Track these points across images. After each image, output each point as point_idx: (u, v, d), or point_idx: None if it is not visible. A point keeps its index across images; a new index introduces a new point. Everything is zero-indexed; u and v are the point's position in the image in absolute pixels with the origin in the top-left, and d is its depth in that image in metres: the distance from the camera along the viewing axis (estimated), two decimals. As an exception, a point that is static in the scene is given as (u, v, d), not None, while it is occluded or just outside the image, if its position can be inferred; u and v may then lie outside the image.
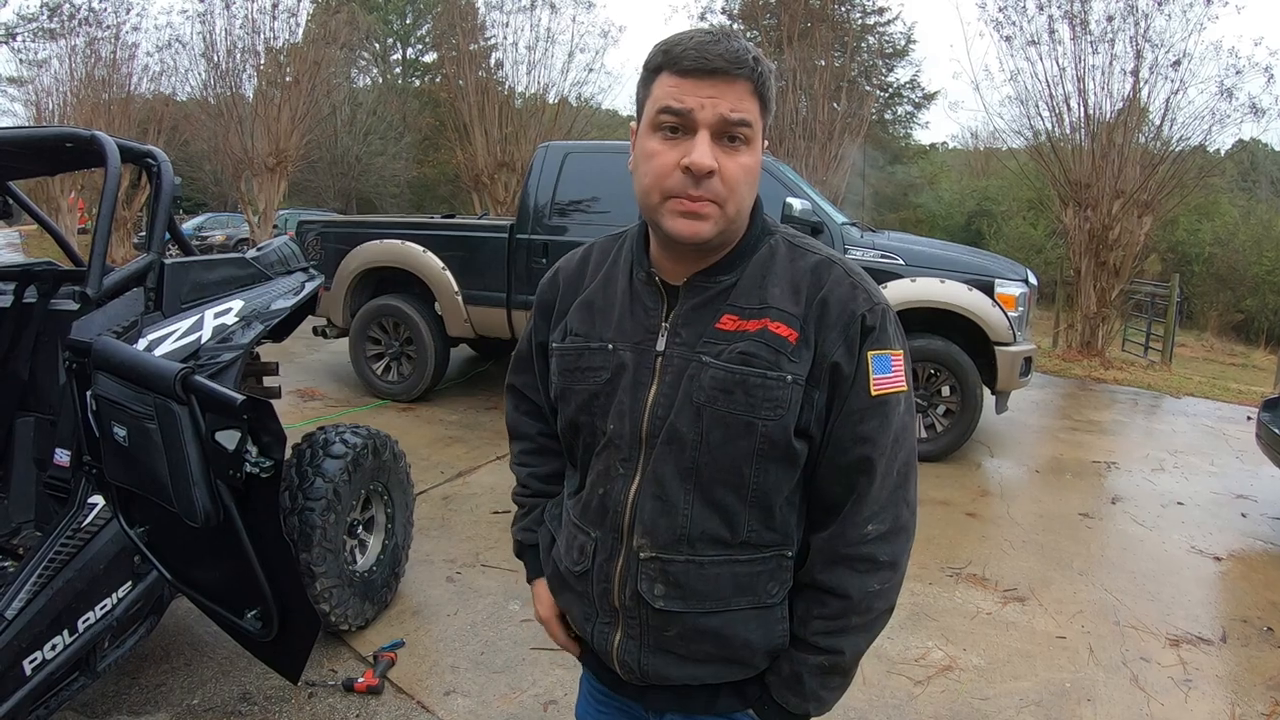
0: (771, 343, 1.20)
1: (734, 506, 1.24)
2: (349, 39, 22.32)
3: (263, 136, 18.87)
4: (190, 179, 31.58)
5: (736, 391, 1.19)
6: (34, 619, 2.30)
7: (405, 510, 3.91)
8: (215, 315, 3.06)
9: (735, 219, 1.20)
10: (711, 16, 21.94)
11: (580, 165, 7.12)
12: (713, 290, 1.25)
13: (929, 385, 6.30)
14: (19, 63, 25.20)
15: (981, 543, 4.82)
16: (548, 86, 18.99)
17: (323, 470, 3.35)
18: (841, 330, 1.20)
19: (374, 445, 3.59)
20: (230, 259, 3.34)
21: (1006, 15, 13.22)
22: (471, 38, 20.12)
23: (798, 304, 1.22)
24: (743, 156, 1.16)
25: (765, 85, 1.16)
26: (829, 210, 6.54)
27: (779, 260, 1.26)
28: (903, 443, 1.26)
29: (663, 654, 1.30)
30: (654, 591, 1.27)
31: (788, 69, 17.21)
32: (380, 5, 42.56)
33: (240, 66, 19.36)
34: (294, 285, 3.53)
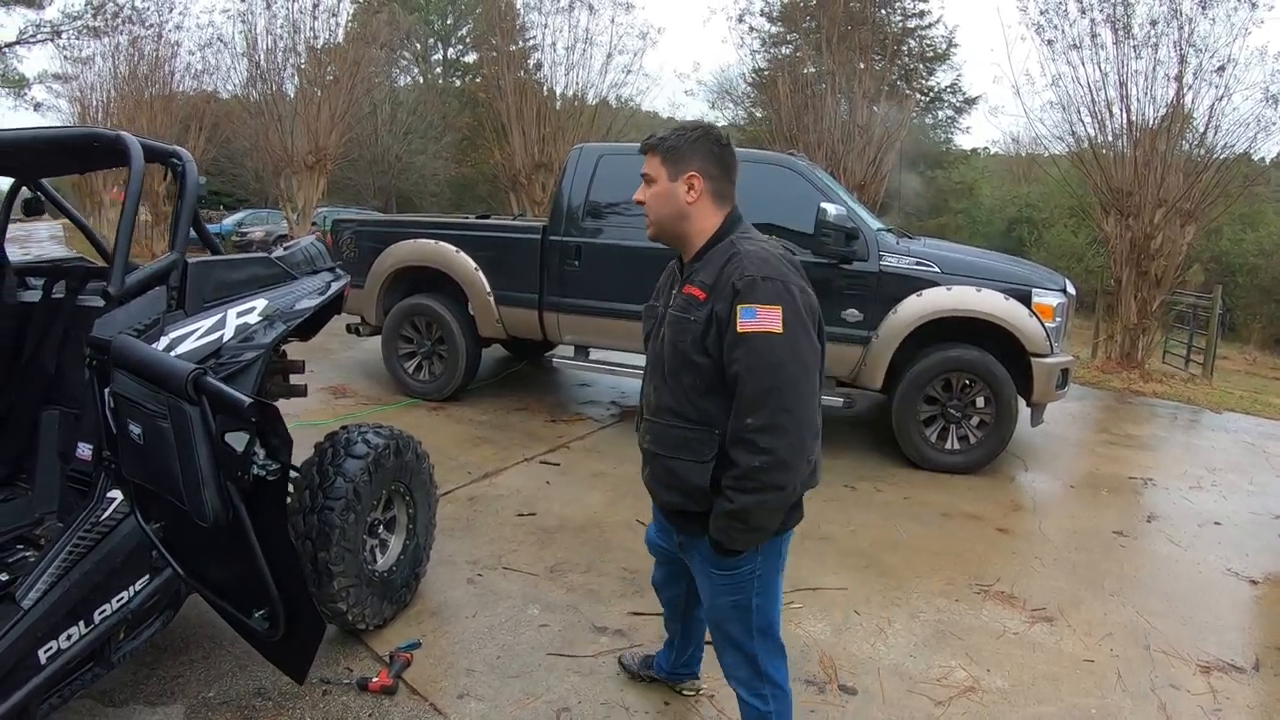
0: (691, 299, 2.15)
1: (678, 393, 2.17)
2: (389, 38, 22.44)
3: (302, 134, 18.98)
4: (232, 176, 32.06)
5: (675, 326, 2.18)
6: (50, 609, 2.33)
7: (427, 511, 3.90)
8: (238, 314, 3.05)
9: (661, 224, 2.29)
10: (750, 19, 21.87)
11: (615, 168, 7.08)
12: (690, 271, 2.23)
13: (963, 396, 6.21)
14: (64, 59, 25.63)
15: (1011, 559, 4.73)
16: (586, 87, 18.98)
17: (343, 470, 3.34)
18: (725, 293, 2.05)
19: (396, 445, 3.59)
20: (255, 258, 3.35)
21: (1048, 19, 13.00)
22: (511, 39, 20.18)
23: (712, 278, 2.11)
24: (652, 189, 2.26)
25: (661, 148, 2.25)
26: (864, 216, 6.47)
27: (717, 256, 2.16)
28: (772, 366, 1.99)
29: (655, 482, 2.33)
30: (645, 440, 2.32)
31: (826, 72, 17.07)
32: (422, 6, 42.84)
33: (281, 65, 19.51)
34: (319, 285, 3.53)
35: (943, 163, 35.90)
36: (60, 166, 3.70)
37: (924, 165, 32.34)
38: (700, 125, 2.30)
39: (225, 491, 2.00)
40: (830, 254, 6.11)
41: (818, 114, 16.71)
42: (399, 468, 3.64)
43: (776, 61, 20.66)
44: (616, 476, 5.74)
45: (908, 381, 6.19)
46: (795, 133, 16.50)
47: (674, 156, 2.23)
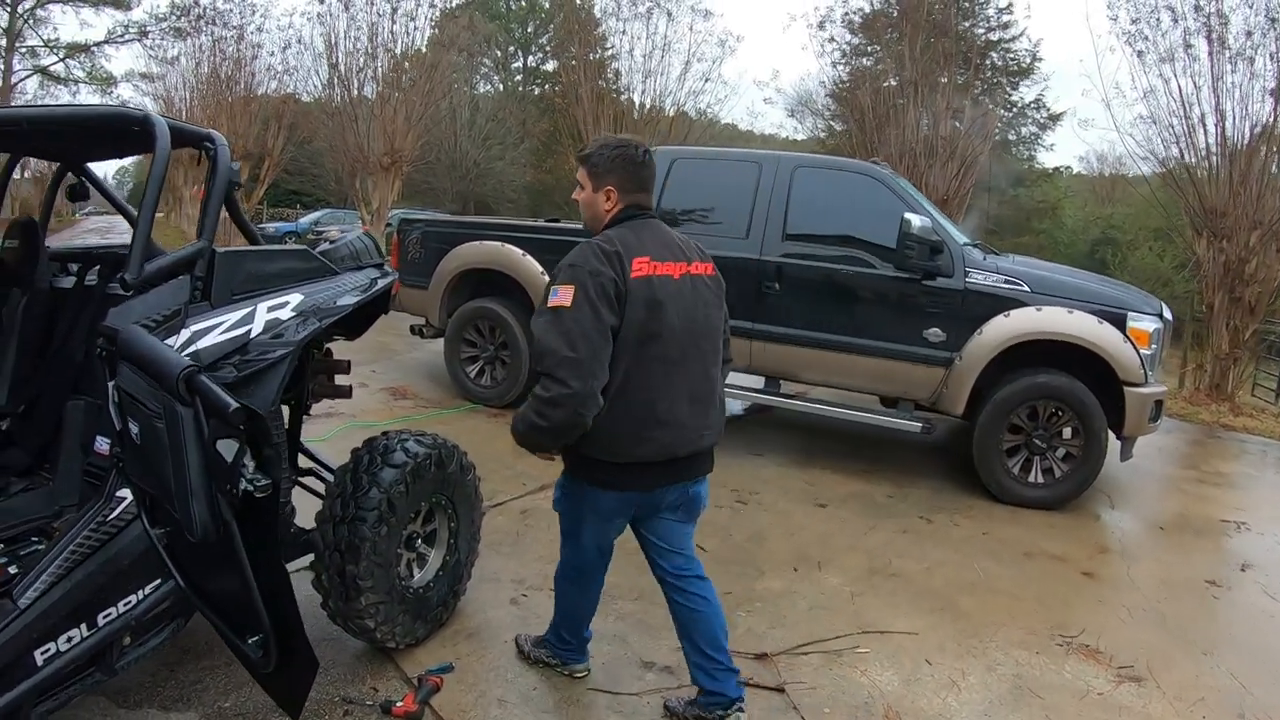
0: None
1: None
2: (467, 44, 22.58)
3: (378, 136, 19.15)
4: (312, 176, 32.63)
5: None
6: (49, 610, 2.23)
7: (470, 525, 3.70)
8: (269, 309, 2.87)
9: (586, 223, 2.76)
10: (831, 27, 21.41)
11: (687, 172, 6.82)
12: None
13: (1050, 426, 5.79)
14: (150, 59, 26.38)
15: (1097, 608, 4.34)
16: (664, 96, 18.80)
17: (379, 479, 3.15)
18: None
19: (439, 455, 3.38)
20: (293, 250, 3.17)
21: (1139, 29, 12.35)
22: (590, 47, 20.10)
23: None
24: (580, 195, 2.73)
25: (585, 159, 2.70)
26: (950, 229, 6.11)
27: None
28: (544, 327, 2.45)
29: None
30: None
31: (909, 82, 16.61)
32: (502, 14, 43.23)
33: (358, 68, 19.71)
34: (362, 282, 3.33)
35: (1025, 180, 34.91)
36: (96, 150, 3.57)
37: (1006, 183, 31.44)
38: (622, 143, 2.71)
39: (215, 505, 1.77)
40: (913, 268, 5.79)
41: (900, 126, 16.26)
42: (441, 479, 3.44)
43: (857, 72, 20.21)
44: (679, 495, 5.46)
45: (992, 408, 5.79)
46: (876, 145, 16.06)
47: (595, 172, 2.67)
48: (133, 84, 31.43)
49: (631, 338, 2.53)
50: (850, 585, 4.32)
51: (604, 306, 2.48)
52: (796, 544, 4.82)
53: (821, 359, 6.17)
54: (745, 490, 5.62)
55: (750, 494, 5.55)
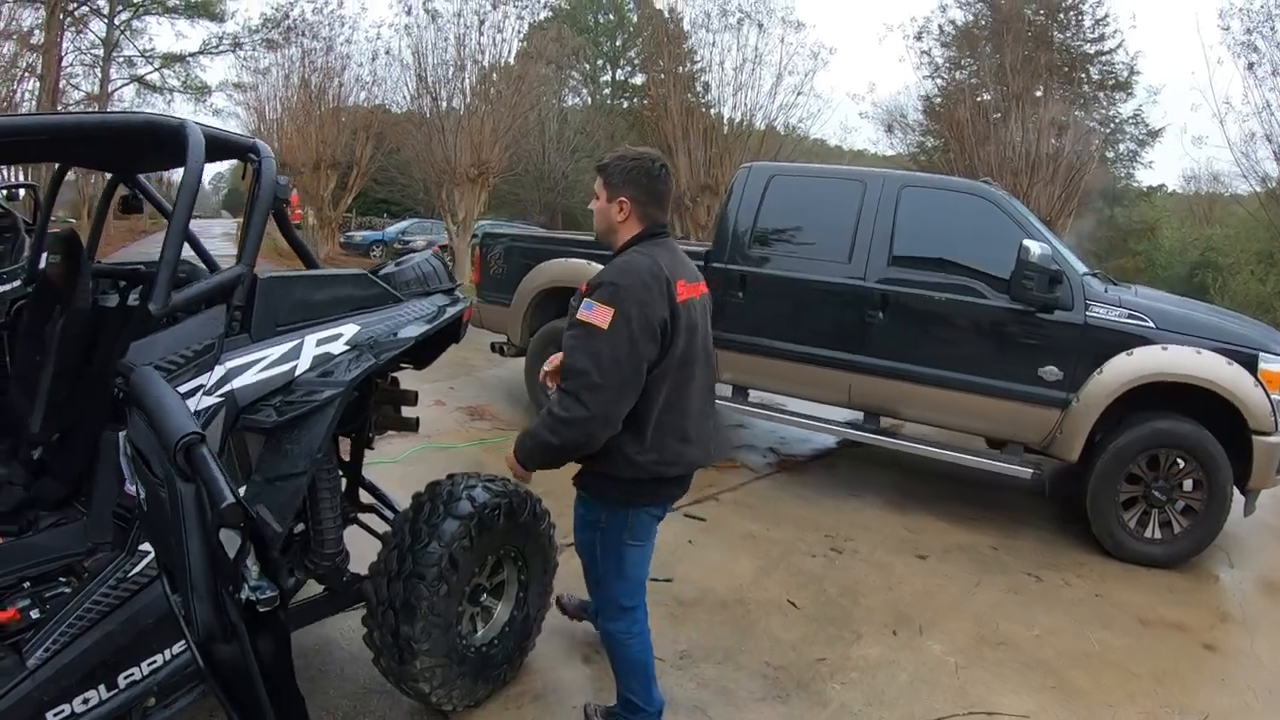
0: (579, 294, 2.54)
1: None
2: (555, 55, 22.52)
3: (465, 147, 19.13)
4: (401, 186, 32.98)
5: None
6: (64, 669, 2.07)
7: (542, 578, 3.38)
8: (319, 342, 2.59)
9: (599, 232, 2.77)
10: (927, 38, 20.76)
11: (786, 190, 6.40)
12: None
13: (1171, 477, 5.22)
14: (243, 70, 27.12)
15: (1220, 688, 3.84)
16: (754, 109, 18.34)
17: (440, 532, 2.85)
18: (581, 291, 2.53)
19: (510, 504, 3.07)
20: (349, 275, 2.86)
21: (1250, 41, 11.43)
22: (679, 61, 19.78)
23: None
24: (595, 204, 2.72)
25: (604, 171, 2.69)
26: (1069, 258, 5.55)
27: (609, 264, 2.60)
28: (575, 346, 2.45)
29: None
30: None
31: (1014, 95, 15.89)
32: (591, 27, 43.31)
33: (445, 79, 19.76)
34: (428, 310, 3.02)
35: (1122, 200, 33.39)
36: (142, 160, 3.32)
37: (1102, 202, 30.06)
38: (639, 155, 2.69)
39: (222, 604, 1.44)
40: (1030, 300, 5.26)
41: (999, 142, 15.55)
42: (511, 530, 3.12)
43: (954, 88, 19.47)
44: (769, 541, 5.04)
45: (1110, 456, 5.24)
46: (976, 162, 15.38)
47: (610, 183, 2.65)
48: (226, 93, 32.15)
49: (674, 363, 2.57)
50: (954, 654, 3.88)
51: (645, 339, 2.47)
52: (895, 601, 4.37)
53: (927, 395, 5.66)
54: (840, 536, 5.17)
55: (845, 541, 5.11)
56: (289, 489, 2.50)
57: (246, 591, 1.37)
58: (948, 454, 5.66)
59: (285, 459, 2.49)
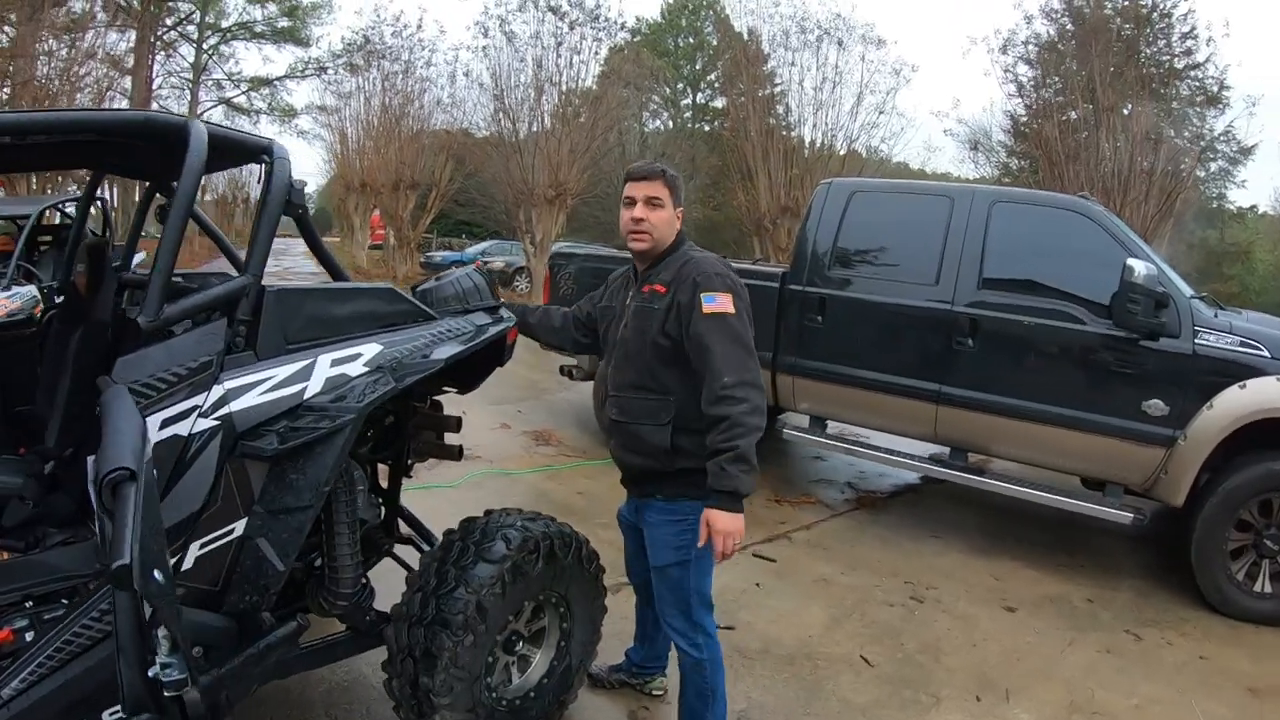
0: (655, 293, 2.68)
1: (640, 369, 2.69)
2: (633, 77, 22.41)
3: (542, 168, 19.09)
4: (483, 208, 33.27)
5: (640, 315, 2.70)
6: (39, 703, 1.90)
7: (588, 626, 3.07)
8: (333, 362, 2.34)
9: (658, 240, 2.71)
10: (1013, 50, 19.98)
11: (868, 207, 5.98)
12: (647, 276, 2.76)
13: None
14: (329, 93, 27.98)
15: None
16: (835, 129, 17.89)
17: (469, 577, 2.57)
18: (685, 285, 2.59)
19: (551, 546, 2.77)
20: (374, 289, 2.61)
21: None
22: (759, 84, 19.46)
23: (671, 277, 2.66)
24: (659, 212, 2.70)
25: (671, 180, 2.73)
26: (1176, 280, 5.04)
27: (674, 262, 2.70)
28: (732, 336, 2.52)
29: (622, 448, 2.79)
30: (614, 413, 2.79)
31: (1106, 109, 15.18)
32: (671, 50, 43.30)
33: (520, 100, 19.81)
34: (464, 329, 2.74)
35: (1214, 221, 31.80)
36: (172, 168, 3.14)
37: (1193, 223, 28.64)
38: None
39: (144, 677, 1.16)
40: (1134, 326, 4.75)
41: (1089, 160, 14.86)
42: (552, 574, 2.83)
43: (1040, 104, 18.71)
44: (844, 586, 4.64)
45: (1218, 500, 4.71)
46: (1064, 181, 14.71)
47: (677, 191, 2.76)
48: (311, 116, 33.06)
49: None
50: (1046, 726, 3.44)
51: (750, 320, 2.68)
52: (980, 661, 3.93)
53: (1019, 430, 5.17)
54: (921, 584, 4.74)
55: (927, 589, 4.67)
56: (292, 524, 2.29)
57: (154, 668, 1.09)
58: (1041, 495, 5.14)
59: (289, 491, 2.27)
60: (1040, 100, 18.48)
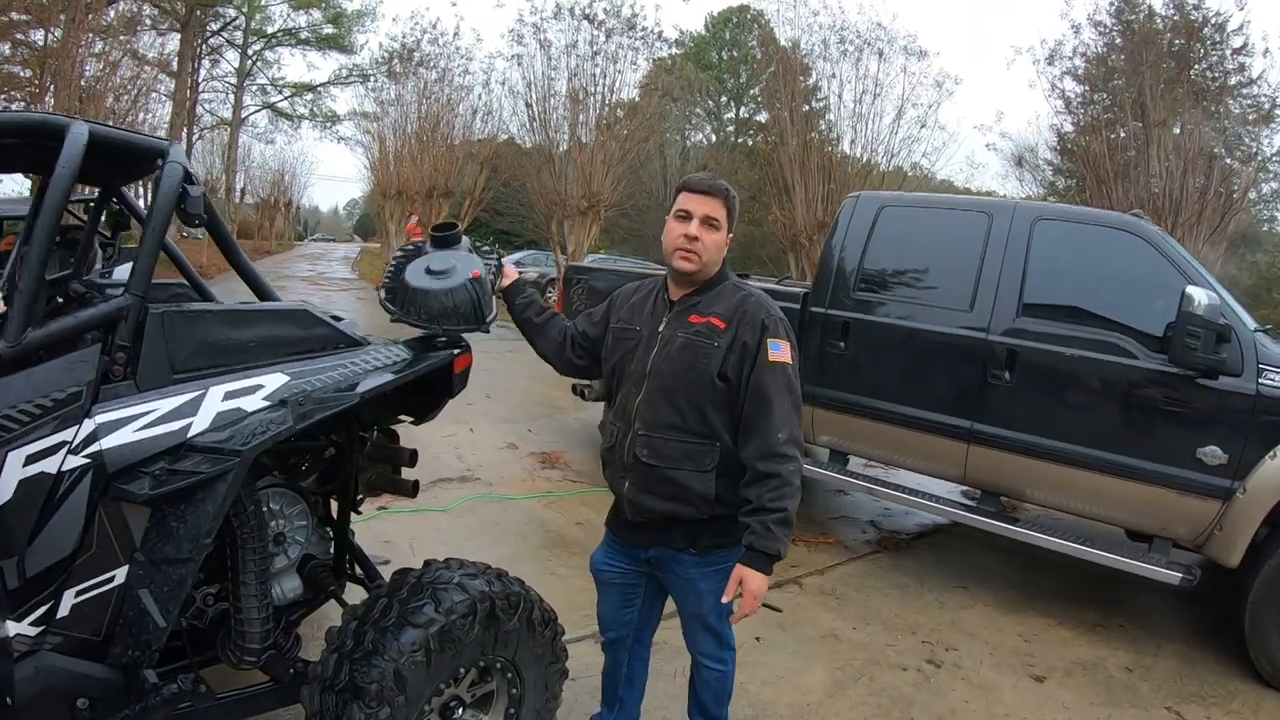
0: (710, 328, 2.43)
1: (684, 409, 2.42)
2: (670, 88, 22.10)
3: (576, 179, 18.83)
4: (521, 218, 33.22)
5: (690, 350, 2.42)
6: None
7: (542, 693, 2.68)
8: (227, 395, 2.02)
9: (707, 264, 2.46)
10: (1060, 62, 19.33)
11: (899, 223, 5.50)
12: (689, 303, 2.50)
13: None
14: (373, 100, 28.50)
15: None
16: (875, 142, 17.34)
17: (387, 643, 2.21)
18: (751, 325, 2.40)
19: (491, 608, 2.40)
20: (286, 311, 2.27)
21: None
22: (801, 97, 18.98)
23: (729, 311, 2.44)
24: (714, 234, 2.45)
25: (731, 201, 2.50)
26: (1239, 311, 4.52)
27: (726, 293, 2.51)
28: (790, 388, 2.38)
29: (647, 493, 2.47)
30: (642, 454, 2.45)
31: (1153, 123, 14.57)
32: (715, 64, 43.07)
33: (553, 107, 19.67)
34: (396, 358, 2.38)
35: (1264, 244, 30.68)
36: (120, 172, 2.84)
37: (1244, 247, 27.64)
38: None
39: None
40: (1192, 363, 4.22)
41: (1138, 179, 14.29)
42: (493, 640, 2.45)
43: (1088, 120, 18.06)
44: (853, 645, 4.19)
45: (1278, 561, 4.22)
46: (1111, 200, 14.12)
47: (734, 215, 2.54)
48: (355, 122, 33.33)
49: None
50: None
51: None
52: (1002, 740, 3.47)
53: (1059, 476, 4.65)
54: (940, 643, 4.27)
55: (946, 650, 4.20)
56: (174, 577, 2.01)
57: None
58: (1083, 550, 4.58)
59: (170, 540, 1.99)
60: (1088, 115, 17.89)
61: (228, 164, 35.00)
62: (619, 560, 2.69)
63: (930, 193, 16.81)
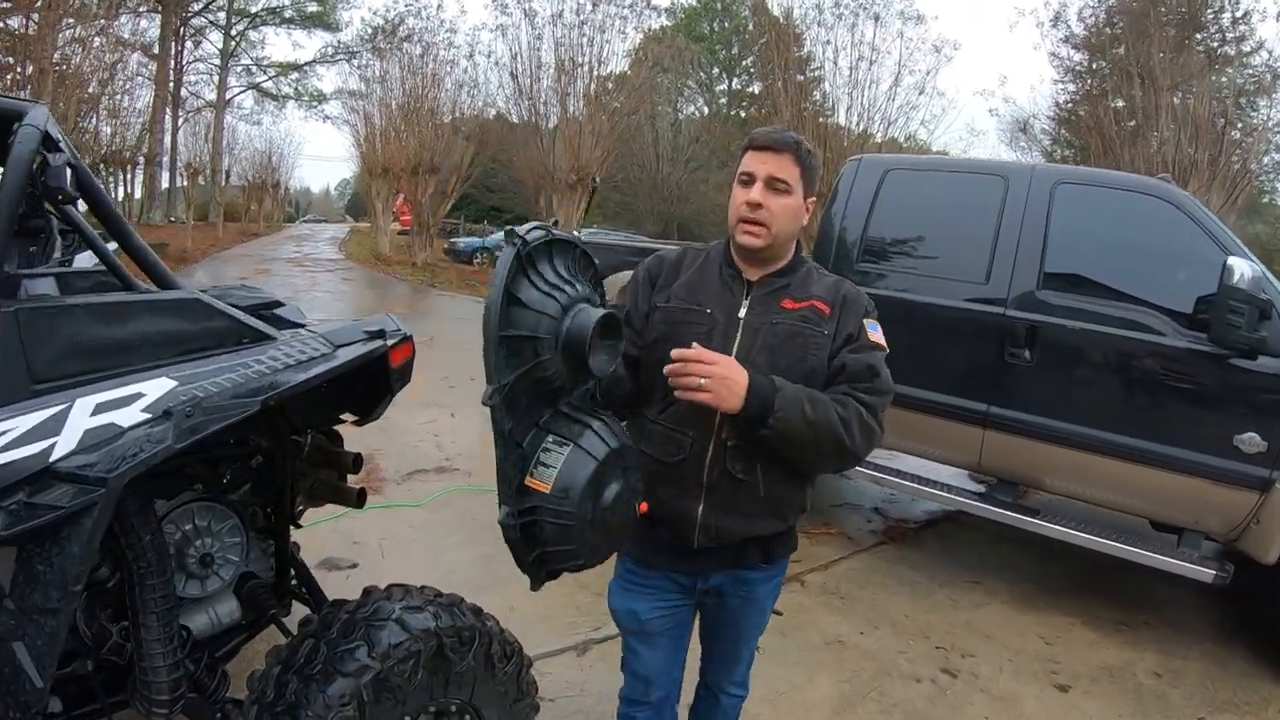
0: (817, 312, 1.99)
1: None
2: (659, 58, 21.70)
3: (563, 152, 18.43)
4: (512, 193, 32.83)
5: (797, 338, 1.96)
6: None
7: (513, 732, 2.32)
8: (98, 407, 1.63)
9: (778, 236, 1.98)
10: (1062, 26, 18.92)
11: (906, 189, 5.06)
12: (777, 285, 2.03)
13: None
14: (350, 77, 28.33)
15: None
16: (871, 109, 16.82)
17: (311, 695, 1.87)
18: (854, 311, 2.02)
19: (439, 647, 2.04)
20: (172, 302, 1.89)
21: None
22: (795, 67, 18.46)
23: (829, 295, 2.02)
24: (785, 199, 1.96)
25: (806, 158, 1.98)
26: (1276, 282, 4.14)
27: (814, 275, 2.08)
28: (885, 367, 1.99)
29: (732, 514, 1.98)
30: (736, 468, 1.94)
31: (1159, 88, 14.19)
32: (707, 35, 42.53)
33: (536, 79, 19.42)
34: (314, 350, 1.99)
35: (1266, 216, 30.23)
36: None
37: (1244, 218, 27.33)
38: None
39: None
40: (1232, 341, 3.84)
41: (1144, 146, 13.91)
42: (443, 682, 2.09)
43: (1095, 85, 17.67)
44: (861, 652, 3.82)
45: None
46: (1120, 167, 13.76)
47: (811, 174, 2.03)
48: (341, 100, 32.96)
49: None
50: None
51: None
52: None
53: (1081, 464, 4.26)
54: (955, 648, 3.91)
55: (962, 657, 3.84)
56: (45, 629, 1.63)
57: None
58: (1110, 545, 4.20)
59: (37, 587, 1.62)
60: (1095, 80, 17.51)
61: (213, 146, 34.51)
62: (669, 599, 2.14)
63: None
